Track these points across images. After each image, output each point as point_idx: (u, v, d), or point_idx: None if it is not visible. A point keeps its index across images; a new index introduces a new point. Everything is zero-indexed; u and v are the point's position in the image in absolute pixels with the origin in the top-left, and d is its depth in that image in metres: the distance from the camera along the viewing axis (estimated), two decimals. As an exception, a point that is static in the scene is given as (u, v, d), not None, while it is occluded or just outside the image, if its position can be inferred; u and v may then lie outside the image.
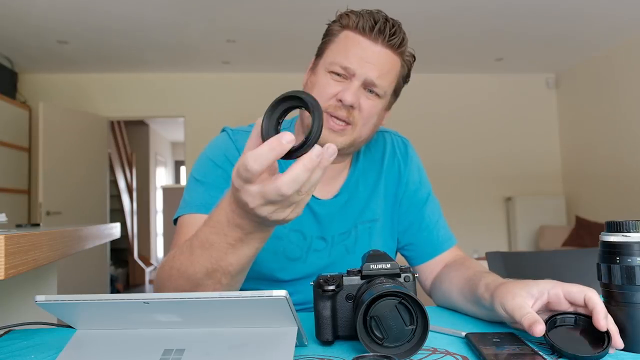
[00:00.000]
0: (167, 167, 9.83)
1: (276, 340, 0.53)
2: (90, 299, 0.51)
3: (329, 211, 0.98)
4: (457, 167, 5.59)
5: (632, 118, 4.58)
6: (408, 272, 0.66)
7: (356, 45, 0.87)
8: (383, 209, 1.02)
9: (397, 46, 0.88)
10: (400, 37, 0.88)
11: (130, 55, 4.80)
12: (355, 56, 0.87)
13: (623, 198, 4.69)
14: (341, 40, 0.90)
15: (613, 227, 0.59)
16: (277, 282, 0.96)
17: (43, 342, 0.68)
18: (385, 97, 0.91)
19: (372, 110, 0.90)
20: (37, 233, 0.78)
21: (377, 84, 0.88)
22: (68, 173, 4.72)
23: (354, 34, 0.88)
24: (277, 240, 0.95)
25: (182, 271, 0.71)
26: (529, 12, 3.91)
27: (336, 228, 0.98)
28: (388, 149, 1.05)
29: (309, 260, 0.97)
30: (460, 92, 5.69)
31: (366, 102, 0.89)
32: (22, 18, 3.81)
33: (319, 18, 4.08)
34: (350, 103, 0.86)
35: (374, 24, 0.86)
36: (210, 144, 0.99)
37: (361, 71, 0.87)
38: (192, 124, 5.42)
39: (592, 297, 0.60)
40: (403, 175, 1.03)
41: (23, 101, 4.94)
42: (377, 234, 1.00)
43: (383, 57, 0.88)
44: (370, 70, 0.87)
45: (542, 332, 0.57)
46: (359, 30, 0.87)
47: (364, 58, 0.87)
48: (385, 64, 0.88)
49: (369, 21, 0.87)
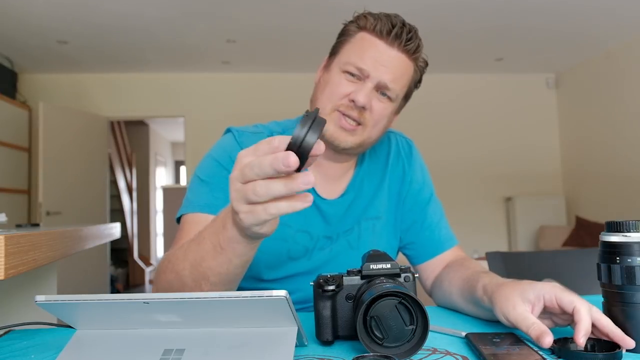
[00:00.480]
0: (167, 167, 9.83)
1: (276, 340, 0.53)
2: (90, 299, 0.51)
3: (336, 211, 0.98)
4: (457, 167, 5.58)
5: (632, 118, 4.58)
6: (408, 272, 0.66)
7: (372, 48, 0.88)
8: (387, 207, 1.03)
9: (413, 52, 0.89)
10: (416, 43, 0.89)
11: (130, 55, 4.80)
12: (371, 58, 0.87)
13: (623, 198, 4.69)
14: (357, 41, 0.90)
15: (613, 227, 0.59)
16: (276, 281, 0.96)
17: (43, 342, 0.68)
18: (397, 100, 0.92)
19: (383, 112, 0.91)
20: (37, 233, 0.78)
21: (390, 87, 0.89)
22: (68, 173, 4.72)
23: (371, 36, 0.89)
24: (282, 242, 0.95)
25: (173, 264, 0.72)
26: (529, 12, 3.91)
27: (342, 227, 0.99)
28: (393, 149, 1.06)
29: (313, 257, 0.97)
30: (460, 92, 5.69)
31: (378, 104, 0.90)
32: (22, 18, 3.80)
33: (319, 18, 4.10)
34: (363, 104, 0.87)
35: (391, 28, 0.87)
36: (216, 145, 0.99)
37: (375, 73, 0.87)
38: (192, 124, 5.42)
39: (581, 309, 0.58)
40: (407, 175, 1.05)
41: (23, 101, 4.94)
42: (380, 231, 1.01)
43: (398, 61, 0.89)
44: (384, 73, 0.88)
45: (551, 343, 0.57)
46: (376, 32, 0.88)
47: (379, 61, 0.87)
48: (399, 68, 0.89)
49: (387, 24, 0.87)
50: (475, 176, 5.65)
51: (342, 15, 1.00)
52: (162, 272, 0.75)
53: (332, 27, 1.06)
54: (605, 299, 0.61)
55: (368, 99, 0.88)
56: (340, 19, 0.98)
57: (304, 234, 0.96)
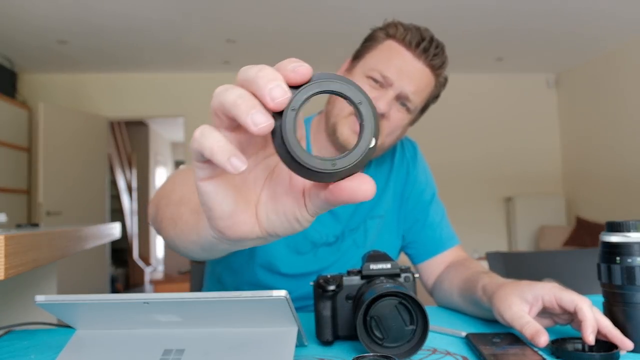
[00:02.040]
0: (167, 167, 9.83)
1: (276, 341, 0.53)
2: (90, 299, 0.51)
3: (346, 208, 1.00)
4: (457, 167, 5.58)
5: (632, 118, 4.58)
6: (408, 272, 0.66)
7: (399, 57, 0.89)
8: (391, 207, 1.04)
9: (438, 67, 0.91)
10: (442, 59, 0.90)
11: (130, 55, 4.80)
12: (396, 67, 0.88)
13: (623, 198, 4.69)
14: (384, 48, 0.91)
15: (613, 227, 0.59)
16: (284, 276, 0.97)
17: (43, 342, 0.68)
18: (414, 112, 0.93)
19: (400, 122, 0.92)
20: (37, 233, 0.78)
21: (412, 98, 0.89)
22: (68, 173, 4.71)
23: (399, 46, 0.89)
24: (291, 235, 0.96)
25: (165, 187, 0.68)
26: (529, 12, 3.91)
27: (350, 224, 1.01)
28: (398, 151, 1.08)
29: (319, 254, 0.98)
30: (460, 92, 5.69)
31: (396, 114, 0.90)
32: (22, 18, 3.80)
33: (320, 18, 4.10)
34: (383, 112, 0.88)
35: (420, 40, 0.88)
36: None
37: (399, 83, 0.88)
38: (192, 124, 5.42)
39: (583, 307, 0.58)
40: (411, 176, 1.06)
41: (23, 101, 4.94)
42: (384, 230, 1.03)
43: (422, 74, 0.89)
44: (408, 84, 0.88)
45: (546, 342, 0.57)
46: (405, 43, 0.89)
47: (404, 71, 0.88)
48: (422, 80, 0.90)
49: (417, 37, 0.88)
50: (475, 176, 5.65)
51: (342, 15, 1.00)
52: (156, 196, 0.70)
53: (331, 28, 1.06)
54: (605, 299, 0.61)
55: (388, 107, 0.88)
56: (340, 19, 0.98)
57: (313, 230, 0.97)
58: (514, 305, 0.64)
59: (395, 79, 0.88)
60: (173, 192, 0.61)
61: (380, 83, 0.89)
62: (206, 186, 0.36)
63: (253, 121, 0.29)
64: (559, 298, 0.62)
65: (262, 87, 0.30)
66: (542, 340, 0.57)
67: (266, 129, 0.30)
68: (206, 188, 0.36)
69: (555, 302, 0.62)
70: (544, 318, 0.66)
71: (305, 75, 0.31)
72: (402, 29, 0.90)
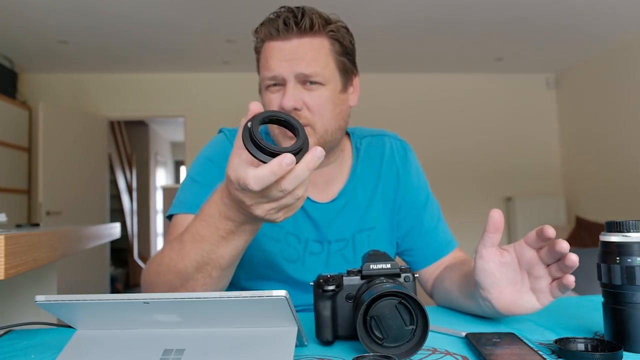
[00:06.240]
0: (167, 167, 9.83)
1: (276, 341, 0.53)
2: (90, 299, 0.51)
3: (325, 215, 0.97)
4: (457, 167, 5.58)
5: (632, 118, 4.58)
6: (408, 272, 0.66)
7: (273, 52, 0.87)
8: (381, 216, 1.01)
9: (309, 28, 0.86)
10: (308, 19, 0.86)
11: (130, 55, 4.80)
12: (276, 62, 0.86)
13: (623, 198, 4.69)
14: (263, 54, 0.90)
15: (613, 227, 0.59)
16: (276, 283, 0.97)
17: (43, 342, 0.68)
18: (330, 81, 0.89)
19: (320, 100, 0.87)
20: (37, 233, 0.78)
21: (309, 72, 0.86)
22: (68, 173, 4.71)
23: (270, 42, 0.88)
24: (275, 243, 0.95)
25: (172, 266, 0.72)
26: (529, 12, 3.91)
27: (332, 233, 0.97)
28: (387, 153, 1.03)
29: (307, 264, 0.97)
30: (460, 91, 5.69)
31: (309, 96, 0.87)
32: (22, 18, 3.80)
33: (319, 18, 4.05)
34: (291, 107, 0.85)
35: (278, 24, 0.86)
36: (208, 145, 0.99)
37: (286, 72, 0.86)
38: (192, 124, 5.42)
39: (543, 227, 0.62)
40: (401, 180, 1.02)
41: (23, 101, 4.94)
42: (375, 241, 1.00)
43: (301, 47, 0.86)
44: (293, 66, 0.85)
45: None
46: (272, 37, 0.87)
47: (283, 59, 0.86)
48: (307, 51, 0.86)
49: (274, 23, 0.86)
50: (475, 176, 5.65)
51: (342, 15, 0.99)
52: (155, 276, 0.75)
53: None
54: (605, 299, 0.61)
55: (294, 100, 0.85)
56: (339, 19, 0.97)
57: (292, 236, 0.96)
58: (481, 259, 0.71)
59: (281, 71, 0.86)
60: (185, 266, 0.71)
61: (278, 85, 0.88)
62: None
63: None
64: (525, 237, 0.67)
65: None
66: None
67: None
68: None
69: (525, 243, 0.66)
70: (539, 278, 0.66)
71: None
72: (264, 28, 0.88)
